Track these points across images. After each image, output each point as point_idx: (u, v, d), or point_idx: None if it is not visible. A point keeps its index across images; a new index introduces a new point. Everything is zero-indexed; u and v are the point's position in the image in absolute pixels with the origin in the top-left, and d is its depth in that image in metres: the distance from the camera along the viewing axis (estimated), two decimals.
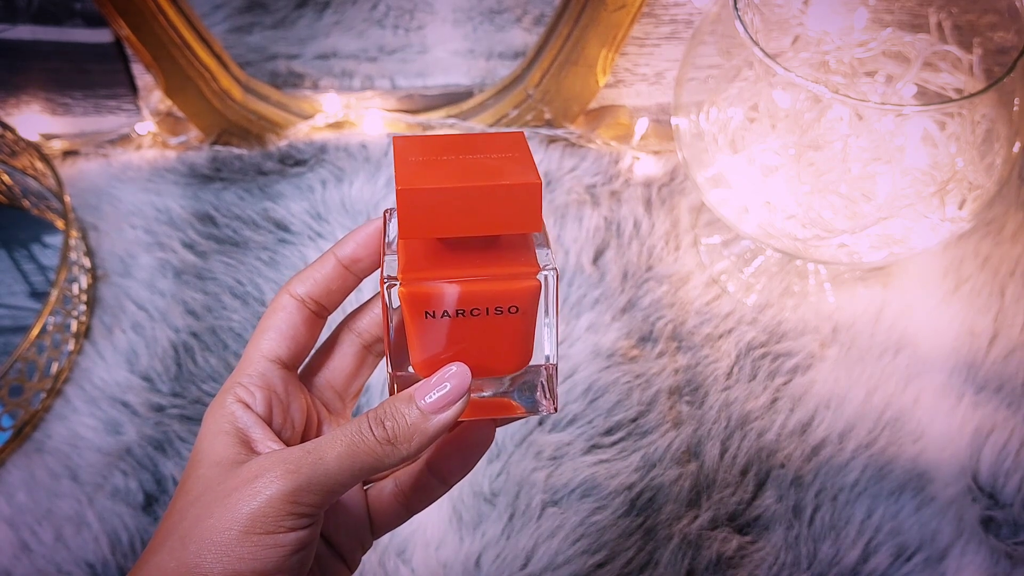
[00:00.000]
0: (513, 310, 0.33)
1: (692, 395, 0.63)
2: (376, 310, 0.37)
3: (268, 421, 0.34)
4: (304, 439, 0.36)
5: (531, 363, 0.35)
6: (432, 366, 0.33)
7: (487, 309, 0.32)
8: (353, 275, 0.36)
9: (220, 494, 0.31)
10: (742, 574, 0.56)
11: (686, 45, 0.62)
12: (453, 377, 0.32)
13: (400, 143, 0.33)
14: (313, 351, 0.38)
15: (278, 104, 0.76)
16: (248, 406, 0.33)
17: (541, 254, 0.33)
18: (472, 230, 0.31)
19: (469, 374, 0.32)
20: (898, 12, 0.62)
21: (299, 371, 0.37)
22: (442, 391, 0.32)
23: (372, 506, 0.37)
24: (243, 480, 0.30)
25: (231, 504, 0.30)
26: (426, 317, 0.32)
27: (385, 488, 0.37)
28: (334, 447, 0.31)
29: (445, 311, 0.32)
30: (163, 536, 0.31)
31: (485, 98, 0.77)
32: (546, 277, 0.33)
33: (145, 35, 0.68)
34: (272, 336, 0.35)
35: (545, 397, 0.35)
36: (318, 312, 0.36)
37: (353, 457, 0.31)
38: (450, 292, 0.32)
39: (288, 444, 0.34)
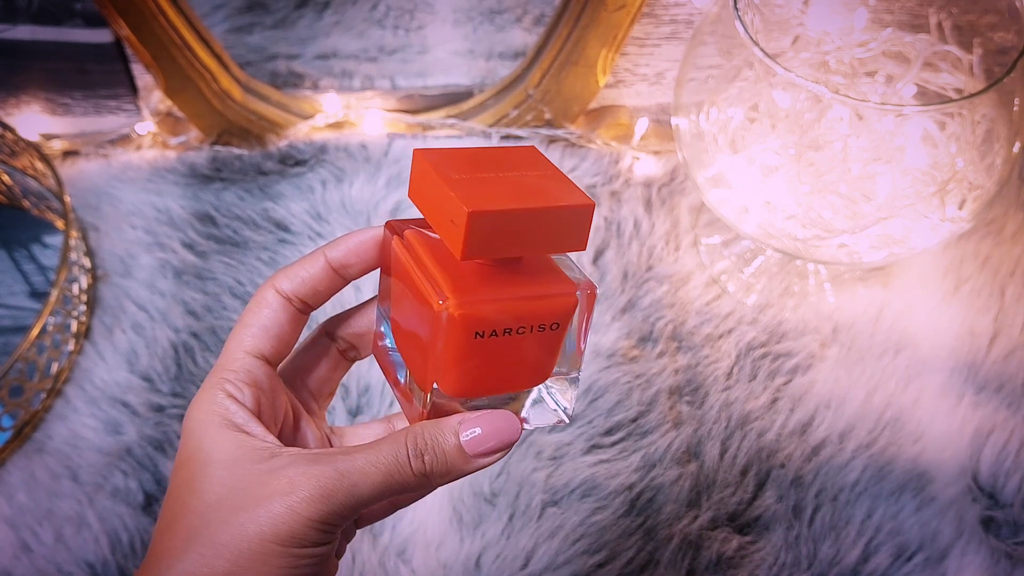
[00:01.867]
0: (555, 327, 0.33)
1: (692, 395, 0.63)
2: (359, 320, 0.37)
3: (257, 417, 0.33)
4: (282, 436, 0.36)
5: (553, 373, 0.35)
6: (466, 385, 0.33)
7: (532, 327, 0.33)
8: (341, 278, 0.35)
9: (248, 501, 0.30)
10: (742, 574, 0.56)
11: (686, 45, 0.62)
12: (503, 430, 0.32)
13: (422, 157, 0.33)
14: (293, 352, 0.38)
15: (278, 104, 0.76)
16: (239, 402, 0.33)
17: (567, 268, 0.34)
18: (527, 250, 0.32)
19: (519, 428, 0.32)
20: (898, 12, 0.62)
21: (278, 370, 0.37)
22: (486, 434, 0.32)
23: None
24: (274, 492, 0.30)
25: (264, 516, 0.30)
26: (476, 337, 0.32)
27: None
28: (369, 475, 0.31)
29: (494, 331, 0.32)
30: (184, 540, 0.31)
31: (485, 98, 0.77)
32: (586, 292, 0.33)
33: (145, 35, 0.68)
34: (256, 332, 0.34)
35: (558, 408, 0.35)
36: (302, 309, 0.35)
37: (387, 486, 0.31)
38: (503, 311, 0.32)
39: None
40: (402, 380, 0.35)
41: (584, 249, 0.33)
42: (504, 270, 0.33)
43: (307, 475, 0.30)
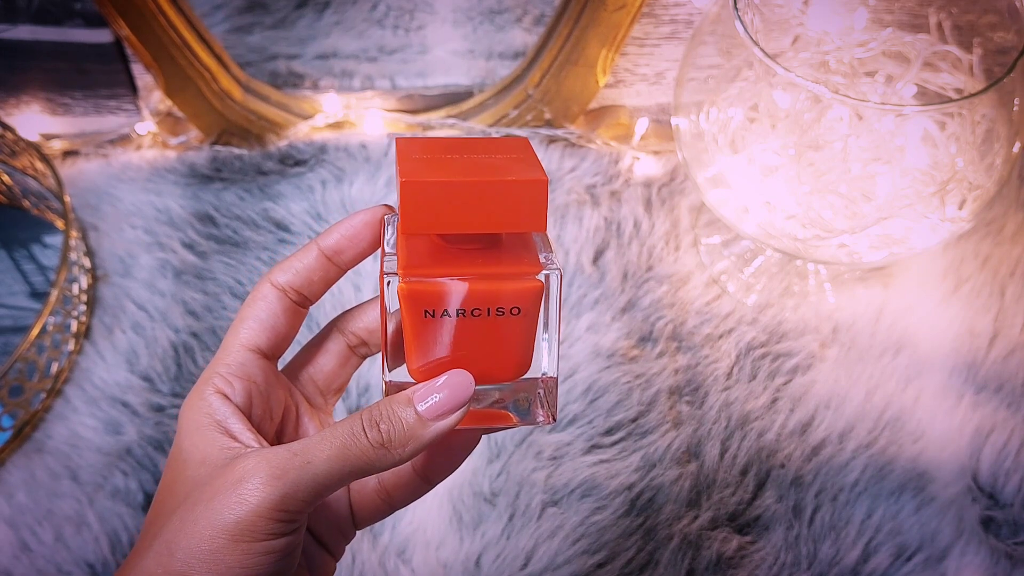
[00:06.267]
0: (515, 311, 0.32)
1: (692, 395, 0.63)
2: (368, 315, 0.37)
3: (248, 412, 0.33)
4: (282, 431, 0.35)
5: (530, 374, 0.34)
6: (429, 370, 0.32)
7: (488, 309, 0.32)
8: (336, 266, 0.35)
9: (204, 497, 0.30)
10: (742, 574, 0.56)
11: (686, 45, 0.62)
12: (455, 385, 0.31)
13: (403, 143, 0.33)
14: (302, 347, 0.38)
15: (278, 104, 0.76)
16: (227, 397, 0.33)
17: (543, 256, 0.33)
18: (476, 227, 0.31)
19: (472, 382, 0.31)
20: (898, 12, 0.62)
21: (285, 365, 0.37)
22: (442, 397, 0.31)
23: (354, 501, 0.37)
24: (227, 483, 0.29)
25: (216, 510, 0.29)
26: (425, 316, 0.31)
27: (368, 484, 0.36)
28: (323, 449, 0.30)
29: (445, 310, 0.31)
30: (150, 538, 0.30)
31: (485, 98, 0.77)
32: (548, 276, 0.32)
33: (145, 35, 0.68)
34: (251, 326, 0.34)
35: (542, 408, 0.34)
36: (300, 302, 0.35)
37: (343, 460, 0.30)
38: (451, 290, 0.31)
39: (266, 436, 0.33)
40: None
41: (544, 230, 0.31)
42: (471, 251, 0.32)
43: (257, 460, 0.30)
